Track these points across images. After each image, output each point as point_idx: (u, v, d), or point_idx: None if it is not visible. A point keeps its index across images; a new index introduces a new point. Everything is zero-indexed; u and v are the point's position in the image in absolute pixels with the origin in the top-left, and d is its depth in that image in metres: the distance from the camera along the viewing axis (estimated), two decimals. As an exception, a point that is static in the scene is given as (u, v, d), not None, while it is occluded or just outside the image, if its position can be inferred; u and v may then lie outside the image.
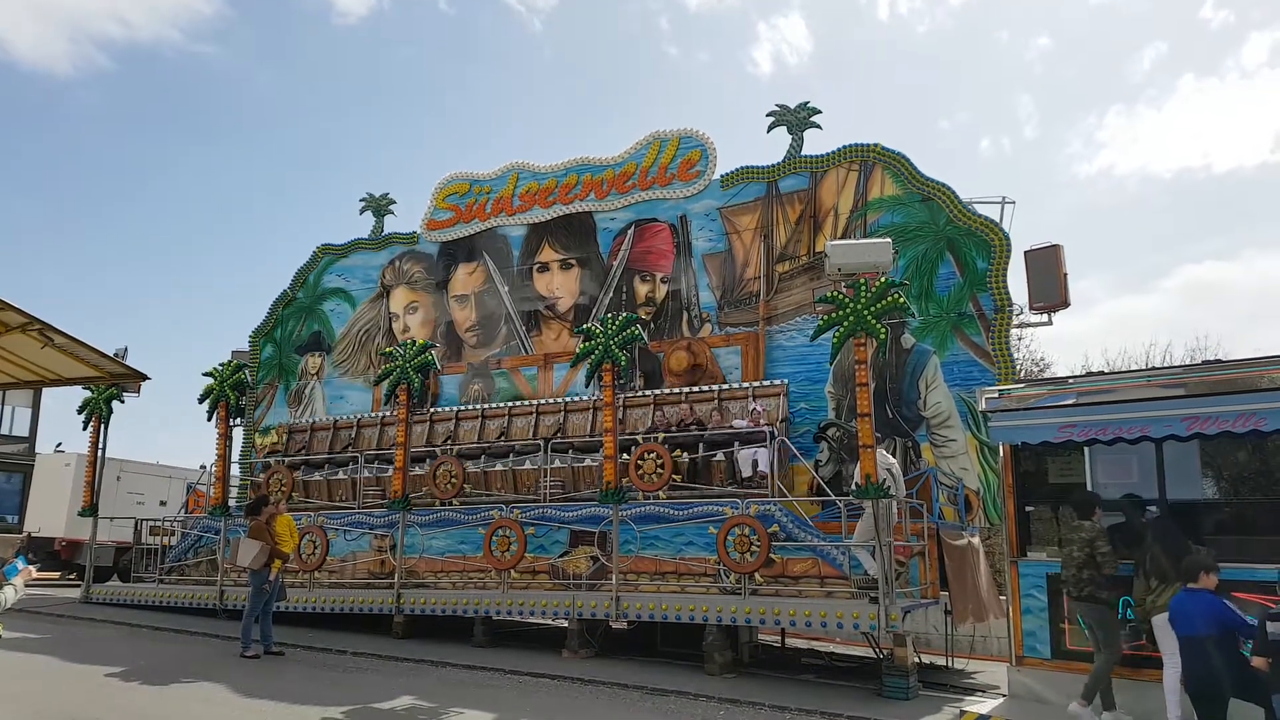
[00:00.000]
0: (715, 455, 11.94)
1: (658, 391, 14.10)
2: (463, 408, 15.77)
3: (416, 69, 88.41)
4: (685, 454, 11.95)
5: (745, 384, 13.58)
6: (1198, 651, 6.40)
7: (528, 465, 13.34)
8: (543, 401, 14.97)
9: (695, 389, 13.79)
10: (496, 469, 13.55)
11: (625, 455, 11.61)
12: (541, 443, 13.23)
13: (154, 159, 74.20)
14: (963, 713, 8.18)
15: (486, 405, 15.58)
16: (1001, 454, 9.13)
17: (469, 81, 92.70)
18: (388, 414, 15.18)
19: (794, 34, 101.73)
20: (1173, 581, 7.00)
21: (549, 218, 16.77)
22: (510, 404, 15.30)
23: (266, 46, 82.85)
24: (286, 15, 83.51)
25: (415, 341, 13.21)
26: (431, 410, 15.60)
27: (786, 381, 13.34)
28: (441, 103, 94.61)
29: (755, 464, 11.54)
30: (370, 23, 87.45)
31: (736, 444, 11.82)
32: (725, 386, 13.63)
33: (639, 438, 12.32)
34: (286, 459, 15.57)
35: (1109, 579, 7.60)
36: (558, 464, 13.01)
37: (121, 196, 72.87)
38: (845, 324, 9.45)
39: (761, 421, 12.13)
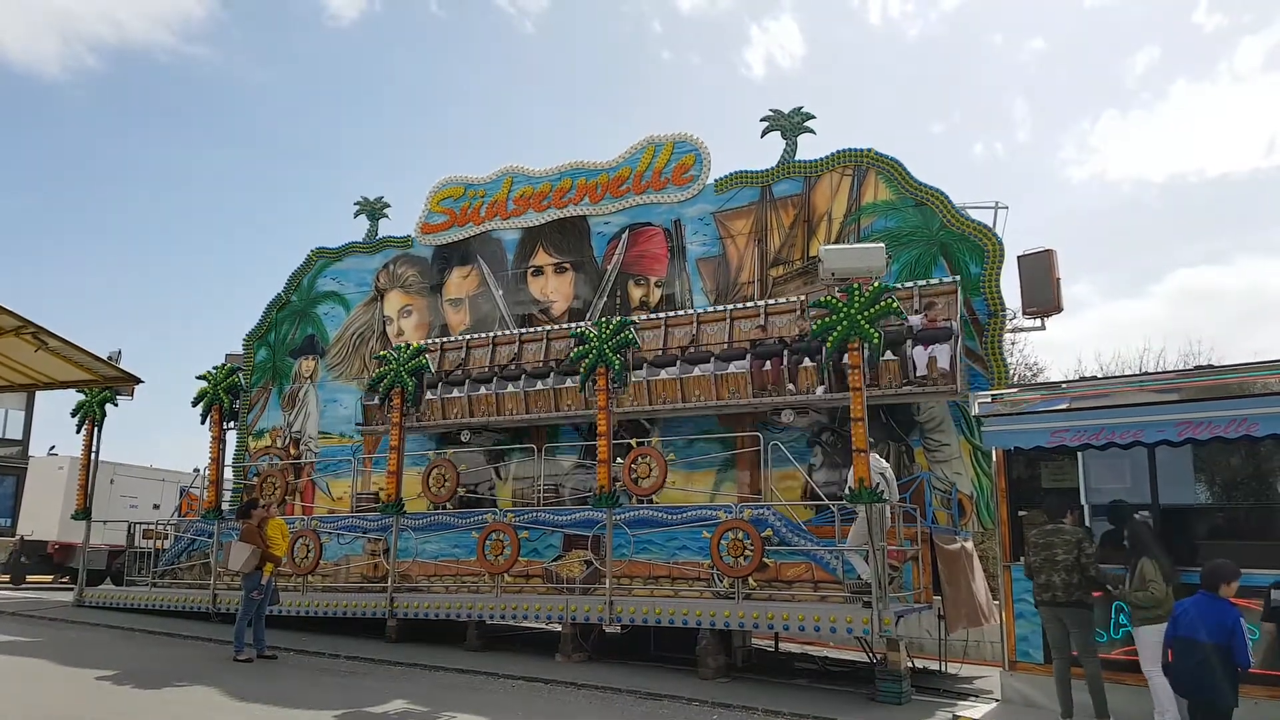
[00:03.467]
0: (885, 354, 11.19)
1: (776, 301, 13.62)
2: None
3: (409, 72, 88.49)
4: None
5: (910, 283, 12.69)
6: (1196, 657, 6.23)
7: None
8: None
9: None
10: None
11: (619, 460, 11.62)
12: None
13: (146, 161, 74.17)
14: (956, 717, 8.20)
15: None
16: (995, 459, 9.16)
17: (461, 84, 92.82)
18: (523, 332, 15.69)
19: (786, 37, 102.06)
20: (1166, 583, 7.04)
21: (543, 222, 16.78)
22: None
23: (258, 48, 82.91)
24: (278, 17, 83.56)
25: (409, 345, 13.21)
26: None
27: (959, 278, 12.52)
28: (434, 105, 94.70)
29: (934, 361, 11.13)
30: (362, 25, 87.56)
31: (909, 341, 11.50)
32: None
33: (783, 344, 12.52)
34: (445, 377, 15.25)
35: (1092, 581, 7.62)
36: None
37: (114, 199, 72.81)
38: (839, 328, 9.47)
39: (940, 319, 11.63)
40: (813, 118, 14.82)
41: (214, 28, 78.96)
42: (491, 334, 15.89)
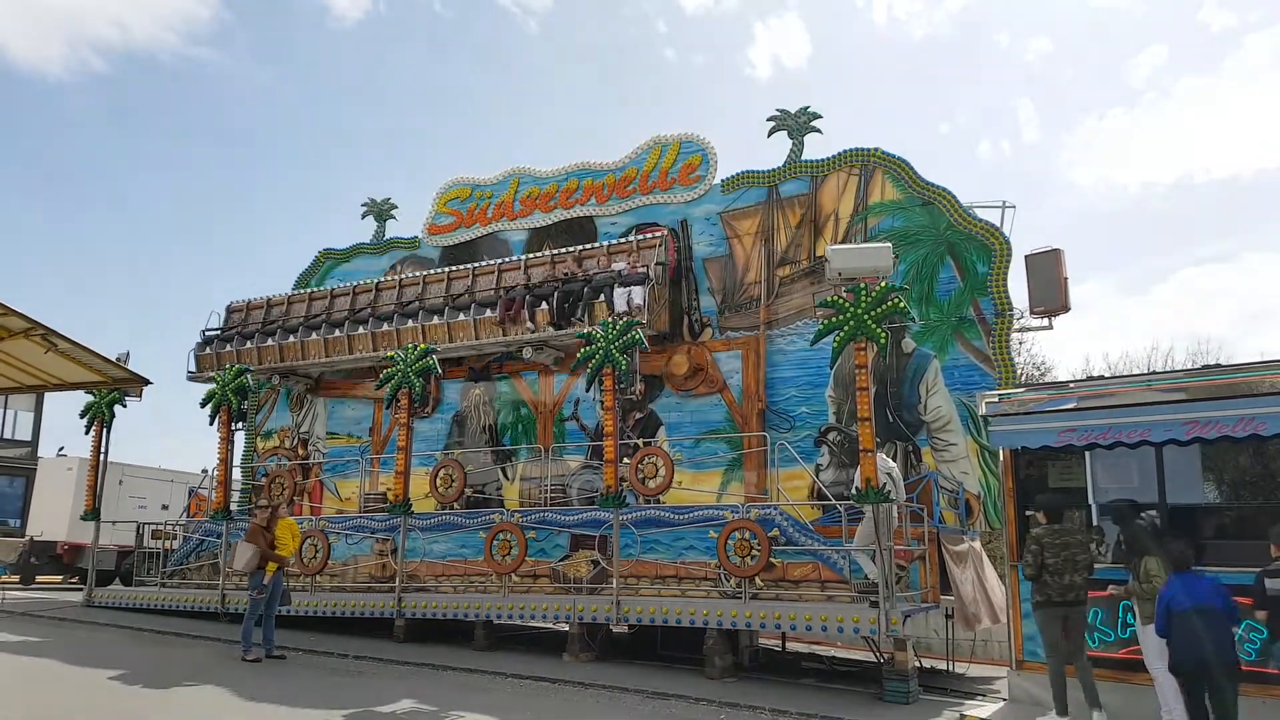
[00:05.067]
0: (599, 297, 13.95)
1: (554, 253, 15.55)
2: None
3: (413, 72, 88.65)
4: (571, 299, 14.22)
5: (631, 237, 15.05)
6: (1202, 624, 6.39)
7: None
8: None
9: (586, 247, 15.41)
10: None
11: (625, 460, 11.64)
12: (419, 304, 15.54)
13: (152, 163, 74.44)
14: (963, 716, 8.20)
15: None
16: (1002, 458, 9.15)
17: (466, 84, 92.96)
18: (315, 290, 17.81)
19: (791, 36, 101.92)
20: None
21: (550, 222, 16.81)
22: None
23: (263, 49, 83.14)
24: (282, 19, 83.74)
25: (417, 346, 13.24)
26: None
27: (668, 232, 15.02)
28: (439, 106, 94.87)
29: (630, 299, 13.57)
30: (366, 25, 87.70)
31: (615, 286, 13.86)
32: (613, 241, 15.29)
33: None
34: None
35: (1091, 581, 7.66)
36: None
37: (121, 201, 73.04)
38: (845, 328, 9.47)
39: (639, 266, 14.05)
40: (819, 117, 14.83)
41: (218, 29, 79.27)
42: (307, 290, 17.94)
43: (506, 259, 16.06)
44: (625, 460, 11.61)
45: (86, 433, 15.42)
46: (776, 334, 14.28)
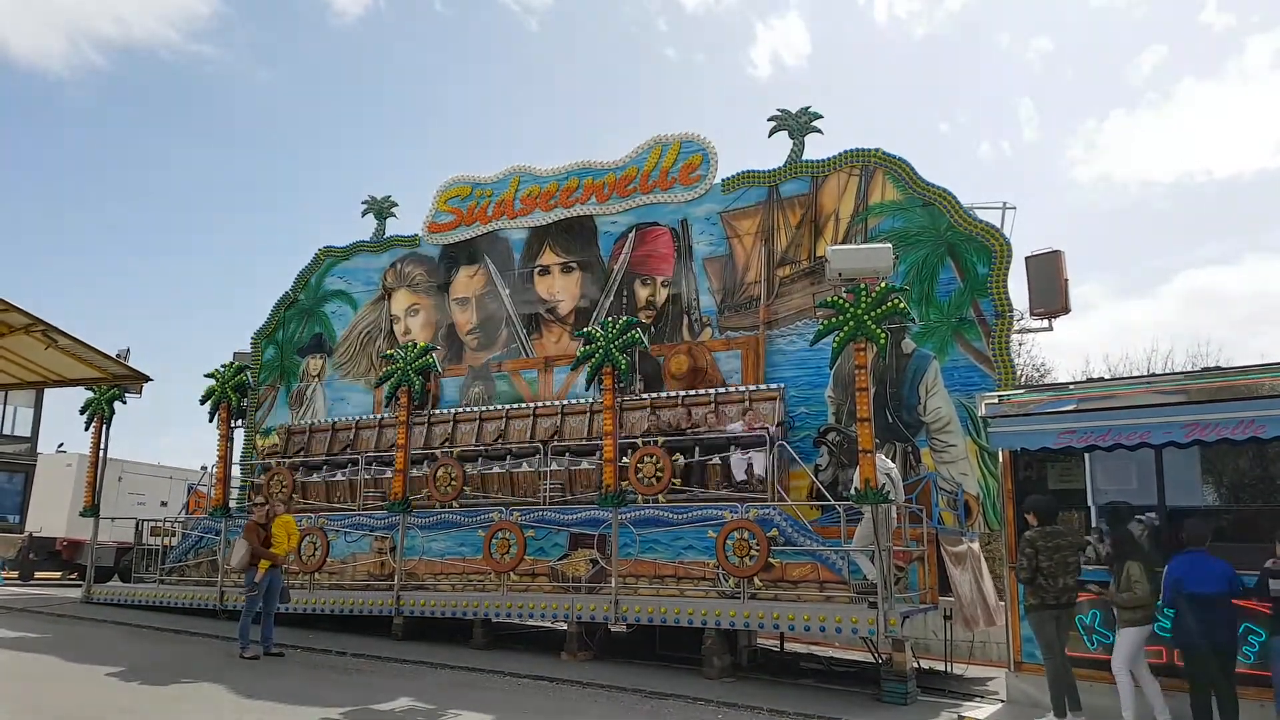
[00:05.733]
0: (711, 459, 11.92)
1: (654, 395, 14.05)
2: (461, 409, 15.73)
3: (414, 70, 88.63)
4: (681, 457, 11.94)
5: (743, 387, 13.53)
6: (1213, 608, 6.68)
7: (525, 468, 13.30)
8: (540, 404, 14.89)
9: (692, 393, 13.75)
10: (494, 471, 13.50)
11: (625, 458, 11.63)
12: (540, 445, 13.25)
13: (152, 159, 74.43)
14: (961, 718, 8.19)
15: (484, 408, 15.53)
16: (1001, 460, 9.14)
17: (467, 82, 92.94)
18: (386, 416, 15.14)
19: (792, 35, 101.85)
20: (1151, 585, 7.15)
21: (550, 221, 16.82)
22: (508, 406, 15.23)
23: (263, 46, 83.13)
24: (283, 15, 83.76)
25: (416, 344, 13.24)
26: (429, 413, 15.55)
27: (784, 386, 13.26)
28: (439, 104, 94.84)
29: (750, 468, 11.54)
30: (367, 23, 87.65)
31: (732, 447, 11.83)
32: (723, 390, 13.57)
33: (637, 441, 12.33)
34: (286, 460, 15.54)
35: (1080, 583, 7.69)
36: (555, 467, 12.99)
37: (121, 197, 73.07)
38: (845, 329, 9.47)
39: (756, 426, 12.09)
40: (820, 117, 14.83)
41: (219, 26, 79.25)
42: (379, 416, 15.59)
43: (629, 397, 13.72)
44: (624, 459, 11.60)
45: (86, 429, 15.44)
46: (776, 334, 14.29)
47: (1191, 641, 6.82)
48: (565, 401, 14.71)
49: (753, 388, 13.40)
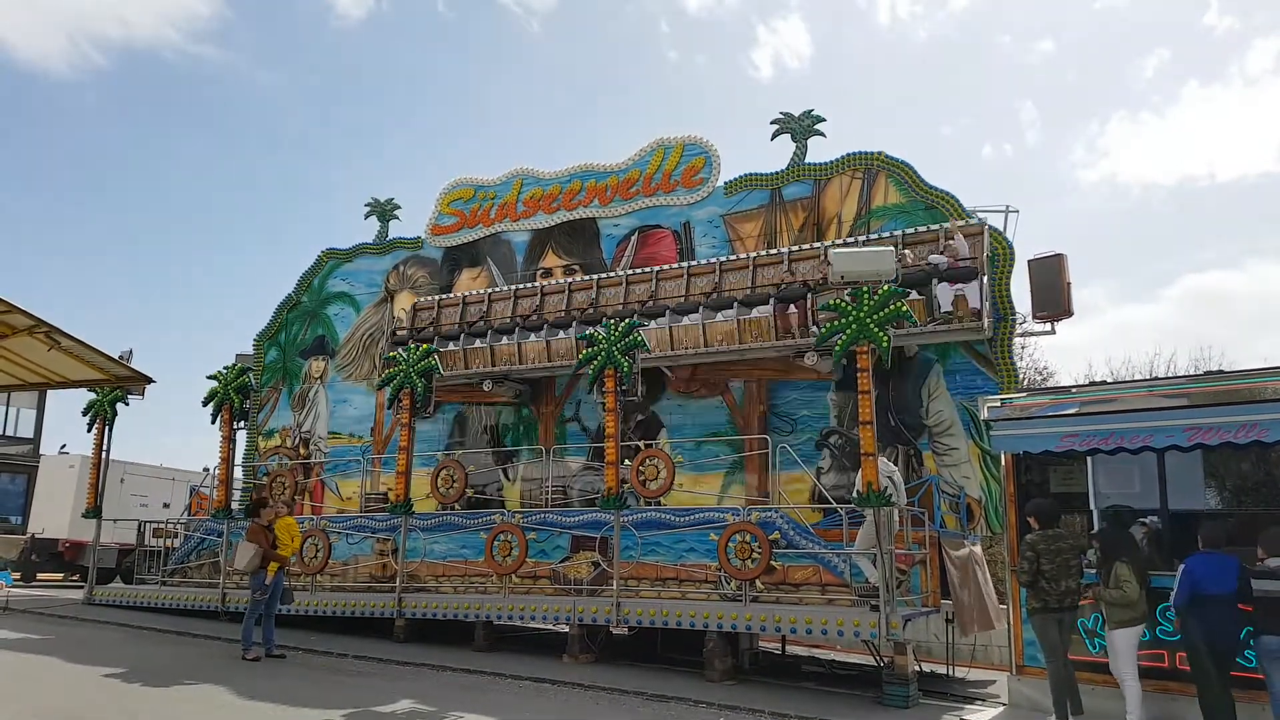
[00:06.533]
0: (909, 294, 11.18)
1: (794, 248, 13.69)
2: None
3: (416, 72, 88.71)
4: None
5: (934, 226, 12.83)
6: (1226, 609, 6.77)
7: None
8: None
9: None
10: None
11: (627, 461, 11.63)
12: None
13: (154, 161, 74.55)
14: (962, 721, 8.18)
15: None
16: (1004, 463, 9.14)
17: (469, 85, 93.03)
18: (522, 287, 15.78)
19: (794, 37, 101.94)
20: (1141, 586, 7.17)
21: (553, 223, 16.83)
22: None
23: (265, 48, 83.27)
24: (285, 16, 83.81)
25: (419, 346, 13.24)
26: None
27: (987, 222, 12.71)
28: (442, 106, 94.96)
29: (964, 300, 11.11)
30: (369, 25, 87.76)
31: (934, 280, 11.56)
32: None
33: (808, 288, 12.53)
34: (417, 334, 15.80)
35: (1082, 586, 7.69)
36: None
37: (123, 198, 73.17)
38: (848, 332, 9.46)
39: (962, 259, 11.62)
40: (823, 120, 14.83)
41: (220, 27, 79.32)
42: (514, 287, 15.85)
43: (763, 252, 13.91)
44: (626, 462, 11.60)
45: (89, 430, 15.46)
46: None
47: (1206, 641, 6.81)
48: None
49: (948, 225, 12.70)
